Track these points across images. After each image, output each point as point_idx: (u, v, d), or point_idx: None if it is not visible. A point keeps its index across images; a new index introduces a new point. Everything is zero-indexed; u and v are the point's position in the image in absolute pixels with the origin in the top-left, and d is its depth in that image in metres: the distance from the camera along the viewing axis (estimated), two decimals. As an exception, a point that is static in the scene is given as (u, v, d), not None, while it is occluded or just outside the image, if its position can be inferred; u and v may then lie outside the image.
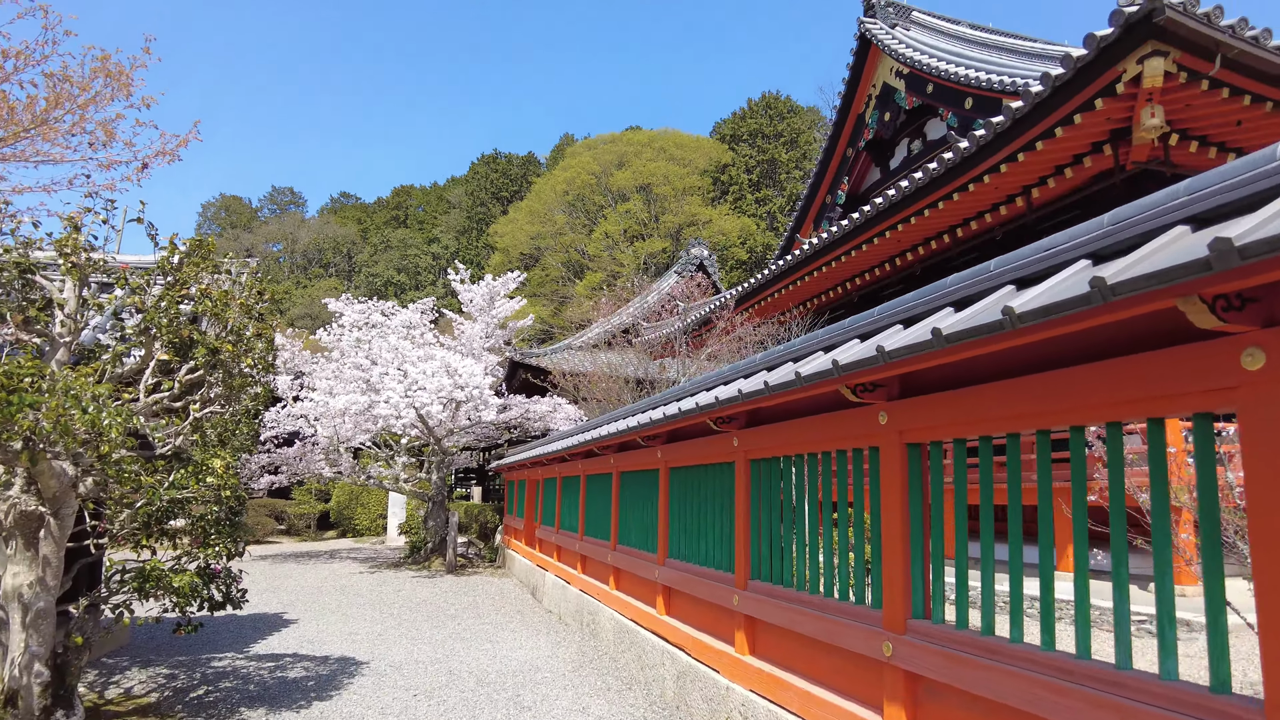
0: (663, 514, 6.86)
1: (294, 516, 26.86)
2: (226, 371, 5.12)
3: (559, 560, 11.46)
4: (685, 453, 6.45)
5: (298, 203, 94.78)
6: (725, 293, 14.10)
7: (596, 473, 9.41)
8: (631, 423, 6.65)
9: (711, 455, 5.84)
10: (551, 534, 12.02)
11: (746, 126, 51.29)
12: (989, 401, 3.17)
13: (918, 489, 3.65)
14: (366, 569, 16.68)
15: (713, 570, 5.73)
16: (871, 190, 18.29)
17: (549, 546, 12.38)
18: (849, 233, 12.43)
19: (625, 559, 7.90)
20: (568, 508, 11.14)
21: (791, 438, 4.68)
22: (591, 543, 9.44)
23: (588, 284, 43.60)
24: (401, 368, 15.18)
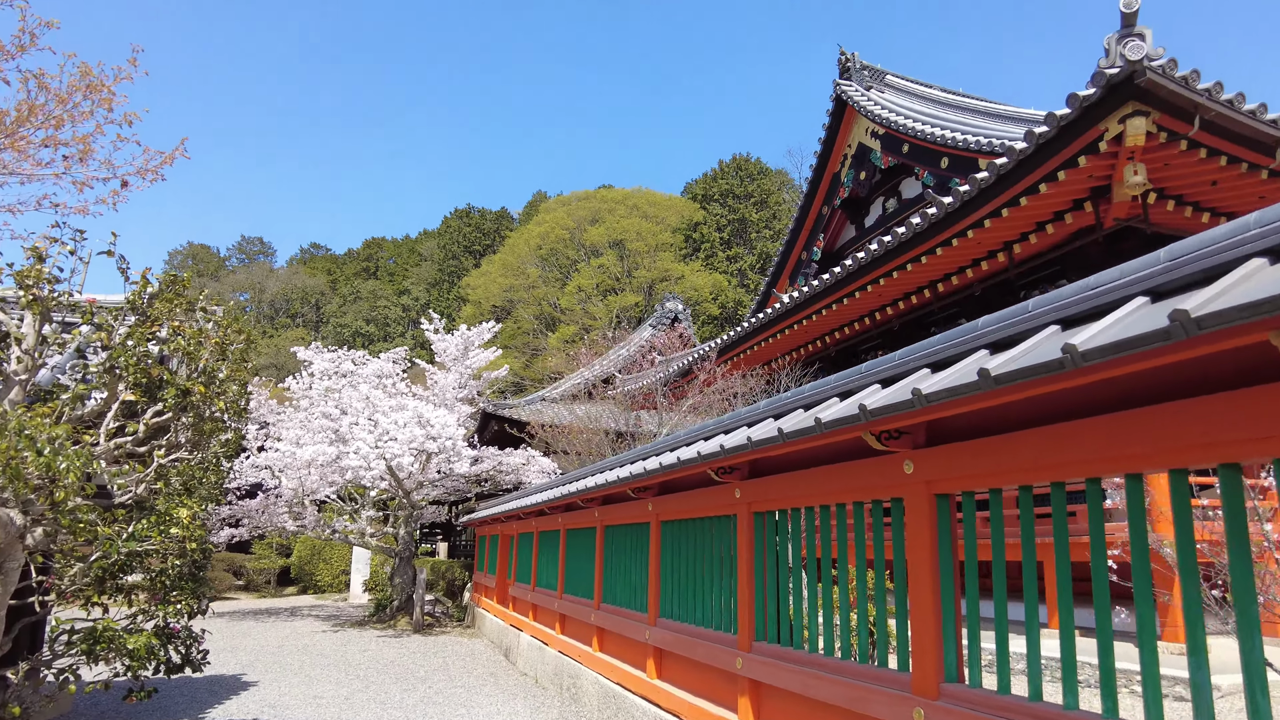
0: (654, 571, 6.54)
1: (253, 571, 25.86)
2: (197, 415, 4.78)
3: (535, 620, 10.98)
4: (679, 505, 6.17)
5: (266, 252, 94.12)
6: (704, 345, 13.97)
7: (578, 527, 9.05)
8: (622, 473, 6.36)
9: (710, 508, 5.58)
10: (527, 592, 11.55)
11: (718, 186, 52.06)
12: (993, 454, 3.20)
13: (948, 542, 3.44)
14: (330, 627, 15.95)
15: (711, 631, 5.42)
16: (847, 247, 18.44)
17: (524, 605, 11.89)
18: (831, 286, 12.41)
19: (611, 619, 7.52)
20: (546, 564, 10.72)
21: (801, 488, 4.45)
22: (572, 601, 9.03)
23: (560, 337, 43.42)
24: (372, 417, 14.75)
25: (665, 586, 6.40)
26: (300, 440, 15.08)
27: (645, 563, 6.80)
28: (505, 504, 13.19)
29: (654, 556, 6.57)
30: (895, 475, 3.67)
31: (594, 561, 8.33)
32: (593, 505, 8.25)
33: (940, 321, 13.77)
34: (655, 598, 6.47)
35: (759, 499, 4.90)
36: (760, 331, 13.05)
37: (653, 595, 6.50)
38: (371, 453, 13.74)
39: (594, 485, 7.33)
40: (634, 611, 6.97)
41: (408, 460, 13.82)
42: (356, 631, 15.31)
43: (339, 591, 25.43)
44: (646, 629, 6.48)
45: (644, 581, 6.81)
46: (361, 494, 23.58)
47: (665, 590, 6.39)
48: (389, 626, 16.26)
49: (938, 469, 3.47)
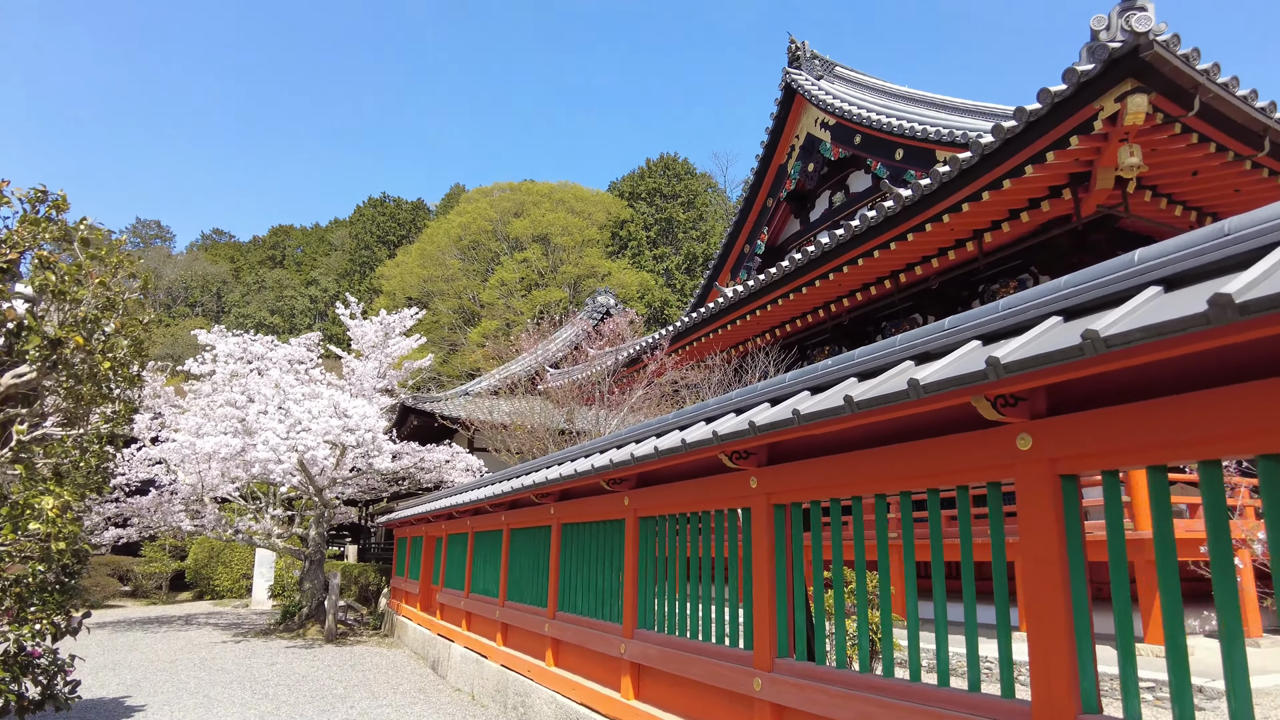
0: (631, 574, 5.67)
1: (142, 576, 23.71)
2: (72, 375, 3.67)
3: (469, 629, 9.94)
4: (665, 499, 5.33)
5: (164, 237, 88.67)
6: (654, 334, 13.15)
7: (528, 526, 8.09)
8: (600, 461, 5.47)
9: (717, 499, 4.76)
10: (459, 599, 10.49)
11: (645, 185, 51.49)
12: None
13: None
14: (231, 637, 14.44)
15: (713, 645, 4.59)
16: (790, 241, 17.97)
17: (455, 613, 10.82)
18: (792, 272, 11.79)
19: (571, 629, 6.61)
20: (483, 568, 9.70)
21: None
22: (519, 610, 8.06)
23: (481, 332, 41.99)
24: (283, 406, 13.36)
25: (644, 592, 5.55)
26: (201, 430, 13.56)
27: (619, 565, 5.93)
28: (434, 501, 12.07)
29: (631, 558, 5.70)
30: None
31: (548, 564, 7.39)
32: (548, 501, 7.31)
33: (891, 316, 13.35)
34: (632, 606, 5.60)
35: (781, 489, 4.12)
36: (718, 318, 12.32)
37: (630, 603, 5.63)
38: (282, 444, 12.38)
39: (556, 477, 6.40)
40: (603, 621, 6.09)
41: (323, 453, 12.52)
42: (262, 642, 13.87)
43: (240, 597, 23.56)
44: (621, 642, 5.60)
45: (616, 587, 5.94)
46: (266, 492, 21.89)
47: (644, 597, 5.54)
48: (298, 636, 14.84)
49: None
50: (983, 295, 12.14)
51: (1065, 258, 10.53)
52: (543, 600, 7.45)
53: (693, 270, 48.17)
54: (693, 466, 5.00)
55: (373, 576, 19.55)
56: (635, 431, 5.58)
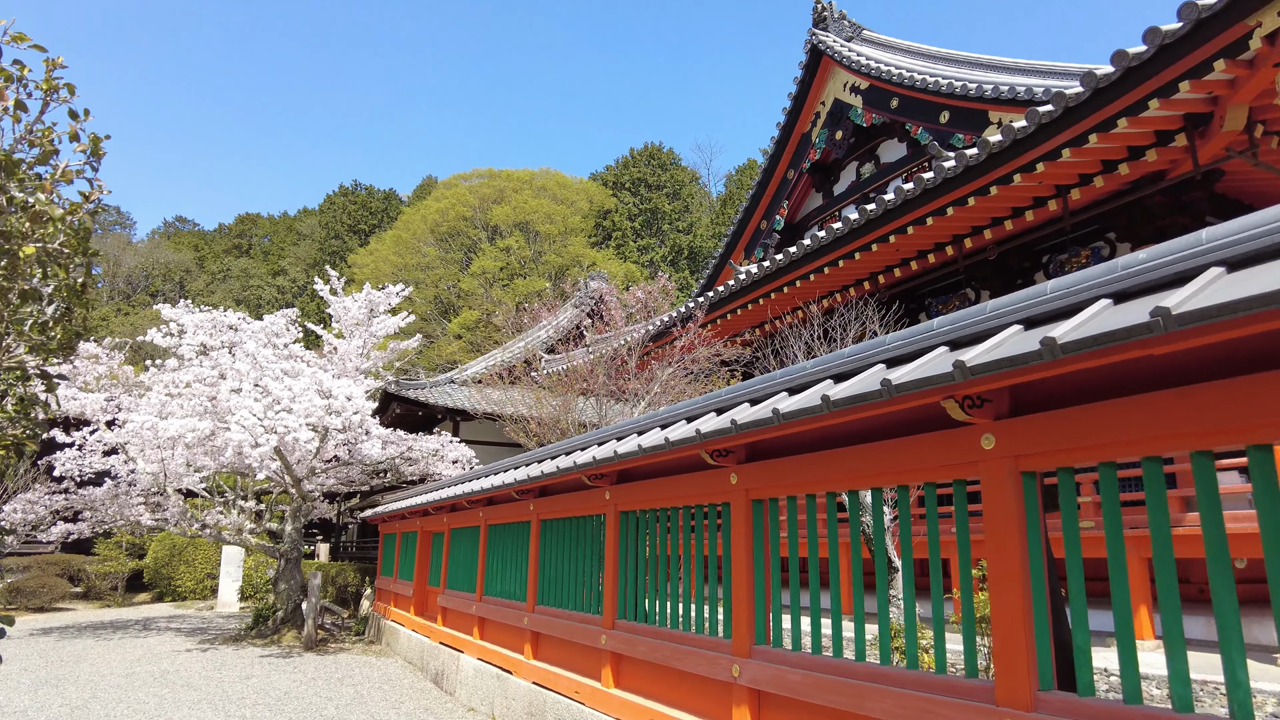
0: (743, 574, 4.34)
1: (95, 576, 21.83)
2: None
3: (483, 638, 8.53)
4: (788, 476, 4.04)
5: (124, 223, 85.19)
6: (682, 306, 11.79)
7: (570, 515, 6.73)
8: (689, 430, 4.14)
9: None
10: (468, 602, 9.08)
11: (629, 174, 50.14)
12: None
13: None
14: (196, 644, 12.86)
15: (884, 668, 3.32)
16: (812, 217, 16.75)
17: (463, 619, 9.41)
18: (838, 239, 10.48)
19: (639, 644, 5.27)
20: (503, 567, 8.30)
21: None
22: (555, 616, 6.70)
23: (461, 322, 40.37)
24: (260, 383, 11.81)
25: (761, 597, 4.24)
26: (164, 410, 11.96)
27: (728, 561, 4.60)
28: (432, 492, 10.64)
29: (743, 554, 4.37)
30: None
31: (600, 562, 6.05)
32: (602, 484, 5.96)
33: (943, 290, 12.17)
34: (748, 615, 4.28)
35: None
36: (765, 282, 10.92)
37: (744, 611, 4.30)
38: (259, 426, 10.84)
39: (613, 455, 5.06)
40: (694, 634, 4.75)
41: (305, 436, 11.00)
42: (232, 650, 12.31)
43: (204, 599, 21.83)
44: (732, 661, 4.28)
45: (727, 591, 4.61)
46: (233, 485, 20.25)
47: (760, 603, 4.23)
48: (272, 643, 13.30)
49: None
50: (1048, 267, 10.99)
51: (1154, 220, 9.40)
52: (594, 606, 6.10)
53: (677, 263, 46.90)
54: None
55: (352, 576, 17.99)
56: (717, 399, 4.32)
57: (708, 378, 10.70)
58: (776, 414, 3.42)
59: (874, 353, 3.35)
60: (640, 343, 11.56)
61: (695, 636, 4.73)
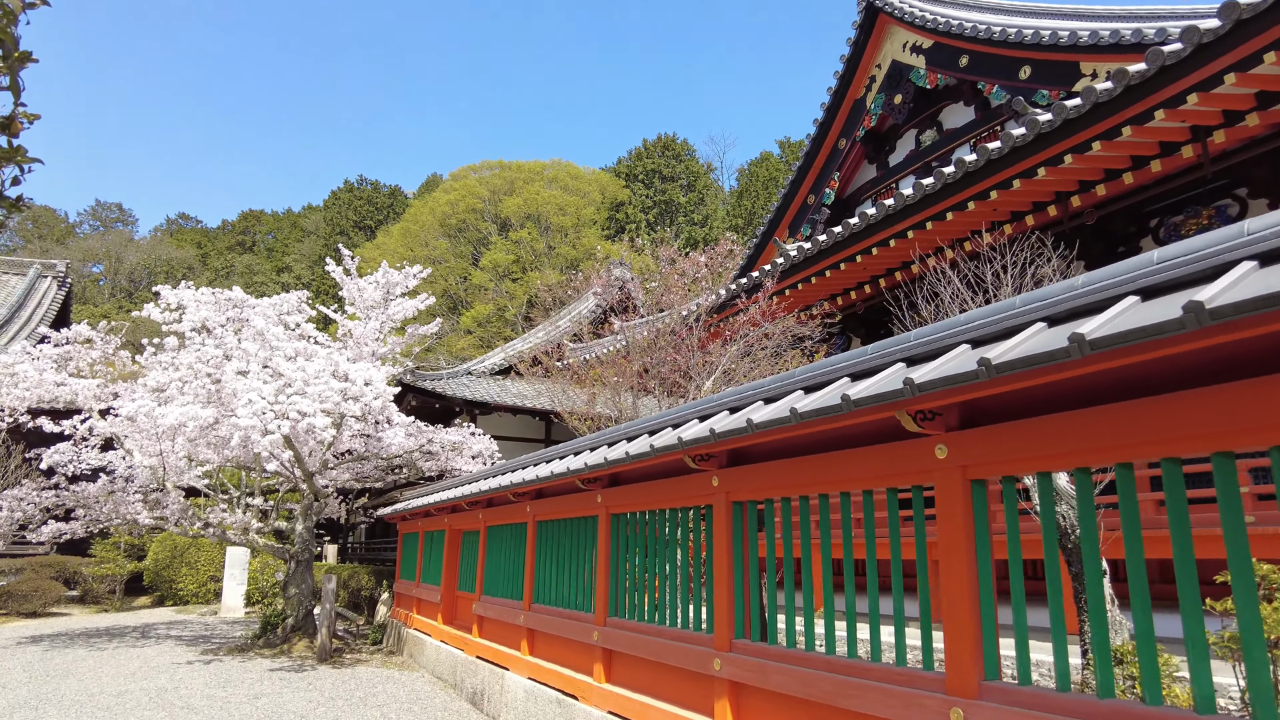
0: (724, 572, 3.11)
1: (93, 579, 20.59)
2: None
3: (534, 654, 7.27)
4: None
5: (126, 220, 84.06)
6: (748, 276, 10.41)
7: (669, 506, 5.47)
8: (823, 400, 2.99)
9: None
10: (514, 611, 7.82)
11: (643, 166, 48.83)
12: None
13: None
14: (199, 655, 11.62)
15: None
16: (864, 191, 15.48)
17: (505, 630, 8.14)
18: (951, 184, 9.08)
19: (755, 666, 4.03)
20: (560, 570, 7.04)
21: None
22: (640, 634, 5.45)
23: (473, 316, 39.16)
24: (270, 364, 10.57)
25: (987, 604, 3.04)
26: (164, 392, 10.71)
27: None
28: (467, 485, 9.39)
29: (963, 547, 3.14)
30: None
31: (710, 566, 4.80)
32: (709, 467, 4.71)
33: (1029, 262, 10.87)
34: (974, 637, 3.03)
35: None
36: (856, 240, 9.50)
37: (723, 610, 3.06)
38: (269, 411, 9.59)
39: (730, 429, 3.85)
40: (879, 666, 3.50)
41: (321, 423, 9.74)
42: (238, 662, 11.07)
43: (207, 603, 20.59)
44: (954, 705, 3.03)
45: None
46: (238, 482, 19.01)
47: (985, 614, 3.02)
48: (282, 653, 12.06)
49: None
50: (1157, 231, 9.72)
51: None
52: (692, 620, 4.88)
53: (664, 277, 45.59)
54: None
55: (366, 579, 16.75)
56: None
57: (777, 357, 9.44)
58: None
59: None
60: (702, 315, 10.27)
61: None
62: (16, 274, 31.51)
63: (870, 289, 10.65)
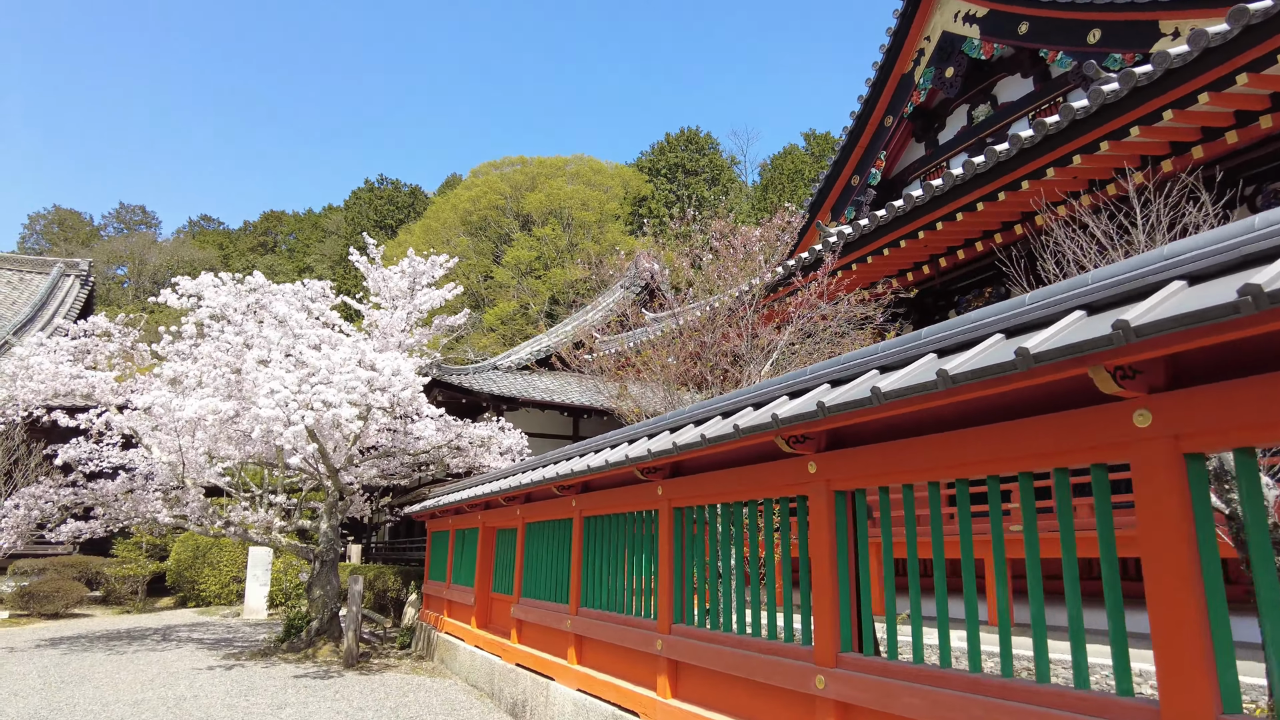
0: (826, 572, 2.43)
1: (115, 579, 20.19)
2: None
3: (583, 663, 6.61)
4: None
5: (149, 223, 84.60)
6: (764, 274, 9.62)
7: (719, 500, 4.79)
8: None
9: None
10: (559, 615, 7.17)
11: (666, 160, 48.13)
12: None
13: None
14: (220, 660, 11.07)
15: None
16: (911, 171, 14.71)
17: (549, 636, 7.48)
18: (1027, 150, 8.31)
19: (903, 696, 3.32)
20: (613, 571, 6.37)
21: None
22: (708, 642, 4.77)
23: (496, 314, 38.63)
24: (294, 351, 9.98)
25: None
26: (182, 381, 10.16)
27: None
28: (511, 476, 8.74)
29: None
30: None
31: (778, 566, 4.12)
32: (806, 450, 4.02)
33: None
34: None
35: None
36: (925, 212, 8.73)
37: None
38: (293, 400, 9.00)
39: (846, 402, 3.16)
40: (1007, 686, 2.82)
41: (348, 414, 9.14)
42: (261, 667, 10.49)
43: (229, 604, 20.12)
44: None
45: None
46: (260, 481, 18.52)
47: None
48: (307, 658, 11.48)
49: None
50: (1270, 194, 8.88)
51: None
52: (800, 633, 4.18)
53: (718, 253, 44.86)
54: None
55: (392, 580, 16.20)
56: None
57: (840, 339, 8.71)
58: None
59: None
60: (758, 294, 9.55)
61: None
62: (40, 273, 31.42)
63: (943, 263, 9.87)
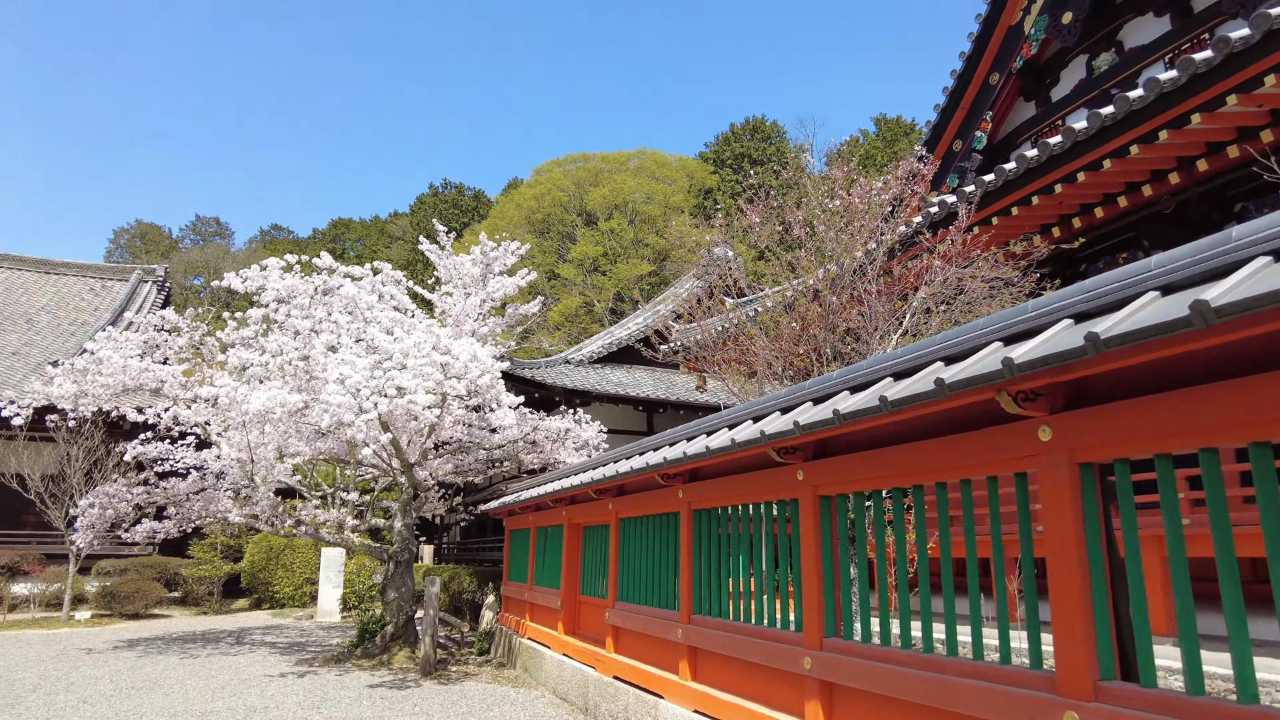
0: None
1: (192, 580, 20.07)
2: None
3: (699, 679, 5.68)
4: None
5: (223, 234, 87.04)
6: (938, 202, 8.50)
7: (887, 486, 3.81)
8: None
9: None
10: (667, 624, 6.25)
11: (731, 150, 46.95)
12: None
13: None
14: (292, 666, 10.49)
15: None
16: (1021, 133, 13.39)
17: (654, 647, 6.56)
18: None
19: None
20: (737, 572, 5.43)
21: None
22: (879, 662, 3.78)
23: (561, 311, 38.06)
24: (364, 336, 9.31)
25: None
26: (246, 369, 9.58)
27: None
28: (602, 467, 7.87)
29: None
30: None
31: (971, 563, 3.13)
32: (1038, 411, 3.01)
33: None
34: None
35: None
36: (1091, 147, 7.46)
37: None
38: (365, 387, 8.30)
39: None
40: None
41: (424, 401, 8.40)
42: (334, 676, 9.85)
43: (303, 606, 19.80)
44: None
45: None
46: (331, 481, 18.09)
47: None
48: (381, 664, 10.83)
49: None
50: None
51: None
52: (1003, 651, 3.17)
53: (788, 243, 43.53)
54: None
55: (467, 581, 15.54)
56: None
57: (972, 306, 7.57)
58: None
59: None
60: (879, 258, 8.48)
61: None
62: (120, 280, 32.10)
63: (1099, 212, 8.58)
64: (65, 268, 31.55)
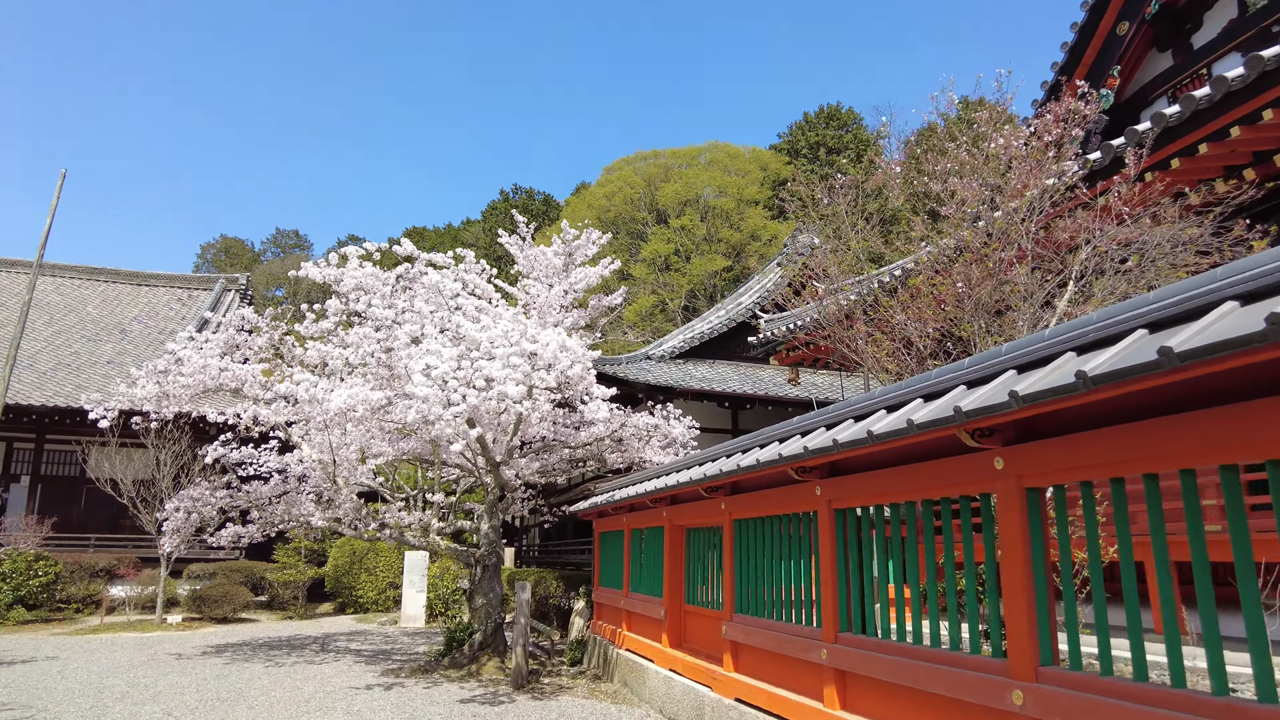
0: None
1: (278, 585, 20.06)
2: None
3: (849, 708, 4.81)
4: None
5: (303, 246, 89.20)
6: None
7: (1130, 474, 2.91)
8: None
9: None
10: (799, 643, 5.40)
11: (806, 139, 45.63)
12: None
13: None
14: (377, 677, 9.98)
15: None
16: (1155, 88, 12.06)
17: (784, 667, 5.71)
18: None
19: None
20: (893, 580, 4.56)
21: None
22: (1121, 699, 2.87)
23: (635, 310, 37.41)
24: (449, 326, 8.72)
25: None
26: (327, 363, 9.10)
27: None
28: (714, 461, 7.06)
29: None
30: None
31: None
32: None
33: None
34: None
35: None
36: None
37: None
38: (453, 379, 7.69)
39: None
40: None
41: (515, 392, 7.75)
42: (422, 688, 9.28)
43: (386, 610, 19.54)
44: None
45: None
46: (414, 483, 17.70)
47: None
48: (470, 675, 10.24)
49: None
50: None
51: None
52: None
53: (916, 209, 41.98)
54: None
55: (554, 586, 14.92)
56: None
57: (1146, 267, 6.50)
58: None
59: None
60: (1037, 210, 7.44)
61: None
62: (205, 289, 32.81)
63: None
64: (155, 279, 32.37)
